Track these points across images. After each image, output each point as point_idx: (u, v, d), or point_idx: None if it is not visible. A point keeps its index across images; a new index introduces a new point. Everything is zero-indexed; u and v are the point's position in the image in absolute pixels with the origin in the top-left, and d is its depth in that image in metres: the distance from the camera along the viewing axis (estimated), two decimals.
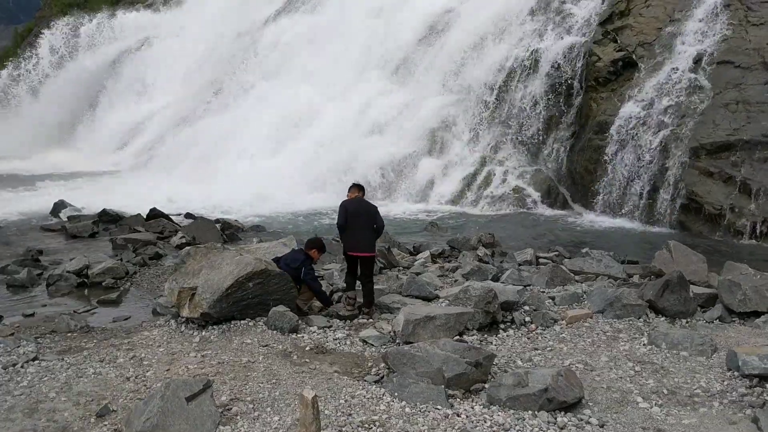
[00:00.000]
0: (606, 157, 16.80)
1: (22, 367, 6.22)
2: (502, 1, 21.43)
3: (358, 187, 8.32)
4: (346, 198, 8.32)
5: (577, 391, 5.42)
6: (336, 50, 23.72)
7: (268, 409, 5.32)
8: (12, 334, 7.28)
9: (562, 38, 19.33)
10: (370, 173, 18.47)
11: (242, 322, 7.45)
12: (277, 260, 8.24)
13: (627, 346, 6.76)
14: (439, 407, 5.31)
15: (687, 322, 7.58)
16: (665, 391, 5.68)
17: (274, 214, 16.41)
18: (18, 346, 6.79)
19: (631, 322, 7.52)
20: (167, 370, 6.12)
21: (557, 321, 7.61)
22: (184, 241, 12.17)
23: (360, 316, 7.96)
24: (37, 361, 6.36)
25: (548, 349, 6.79)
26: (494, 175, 18.39)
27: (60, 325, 7.55)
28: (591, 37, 18.87)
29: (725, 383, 5.80)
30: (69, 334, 7.34)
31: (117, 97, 32.95)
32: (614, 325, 7.44)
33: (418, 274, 9.60)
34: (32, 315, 8.20)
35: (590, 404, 5.44)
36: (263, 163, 19.80)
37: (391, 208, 17.12)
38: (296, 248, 8.74)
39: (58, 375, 6.04)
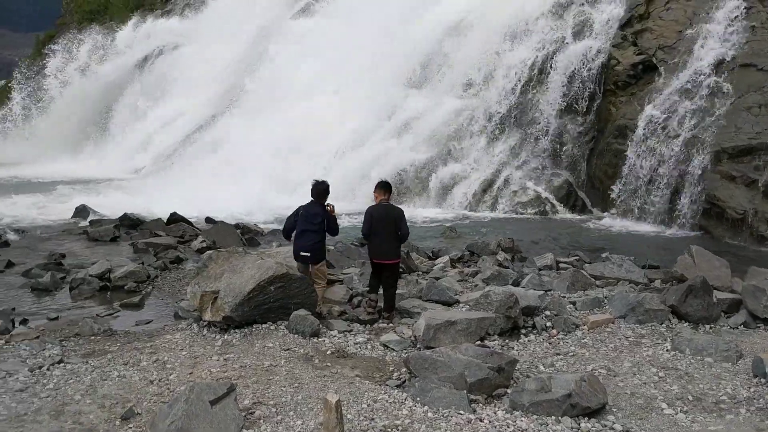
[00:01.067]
0: (626, 162, 16.71)
1: (47, 369, 6.29)
2: (519, 4, 21.38)
3: (384, 189, 8.15)
4: (372, 198, 8.30)
5: (601, 396, 5.38)
6: (354, 55, 23.76)
7: (291, 413, 5.34)
8: (37, 337, 7.36)
9: (580, 42, 19.25)
10: (389, 178, 18.42)
11: (264, 325, 7.49)
12: (294, 220, 8.19)
13: (650, 352, 6.72)
14: (461, 412, 5.30)
15: (711, 328, 7.52)
16: (690, 398, 5.63)
17: None
18: (43, 349, 6.88)
19: (653, 328, 7.46)
20: (190, 374, 6.16)
21: (579, 326, 7.57)
22: (204, 245, 12.24)
23: (380, 321, 7.97)
24: (62, 364, 6.44)
25: (570, 354, 6.76)
26: (512, 179, 18.33)
27: (84, 329, 7.62)
28: (610, 41, 18.78)
29: (752, 390, 5.74)
30: (93, 338, 7.41)
31: (137, 103, 33.26)
32: (636, 331, 7.39)
33: (437, 278, 9.58)
34: (56, 318, 8.27)
35: (614, 410, 5.41)
36: (283, 168, 19.85)
37: (410, 212, 17.08)
38: (308, 203, 8.26)
39: (83, 378, 6.11)
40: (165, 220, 14.30)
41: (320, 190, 8.24)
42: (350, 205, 17.27)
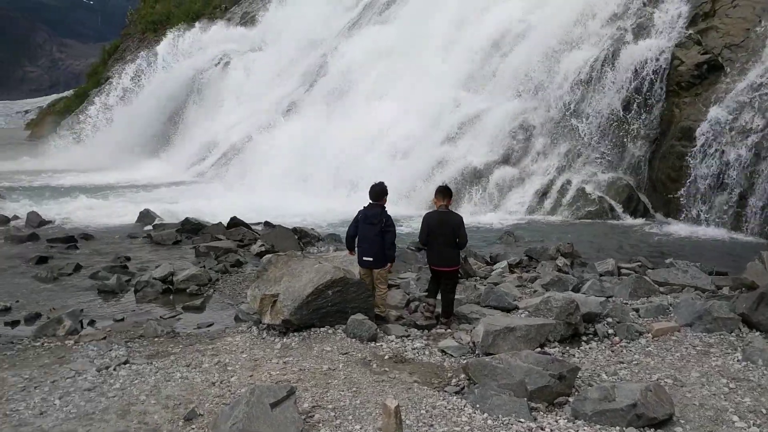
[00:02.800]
0: (690, 164, 16.20)
1: (114, 369, 6.47)
2: (579, 4, 21.00)
3: (443, 194, 8.00)
4: (431, 202, 8.21)
5: (668, 407, 5.21)
6: (410, 60, 23.79)
7: (350, 417, 5.34)
8: (104, 338, 7.60)
9: (642, 42, 18.78)
10: (447, 182, 18.38)
11: (322, 329, 7.53)
12: (355, 225, 8.21)
13: (719, 362, 6.46)
14: (522, 420, 5.21)
15: None
16: (764, 411, 5.38)
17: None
18: (110, 350, 7.10)
19: (722, 337, 7.18)
20: (250, 376, 6.25)
21: (642, 334, 7.35)
22: (263, 249, 12.43)
23: (438, 326, 7.92)
24: (127, 365, 6.61)
25: (634, 362, 6.57)
26: (572, 183, 17.99)
27: (148, 330, 7.83)
28: (673, 41, 18.26)
29: None
30: (156, 339, 7.60)
31: (199, 110, 34.13)
32: (704, 339, 7.13)
33: (496, 284, 9.47)
34: (122, 320, 8.52)
35: (681, 422, 5.22)
36: (341, 173, 20.01)
37: (467, 217, 16.95)
38: (367, 205, 8.24)
39: (148, 378, 6.26)
40: (225, 225, 14.57)
41: (376, 190, 8.19)
42: (407, 209, 17.29)
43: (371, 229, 8.03)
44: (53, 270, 11.03)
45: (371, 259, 8.07)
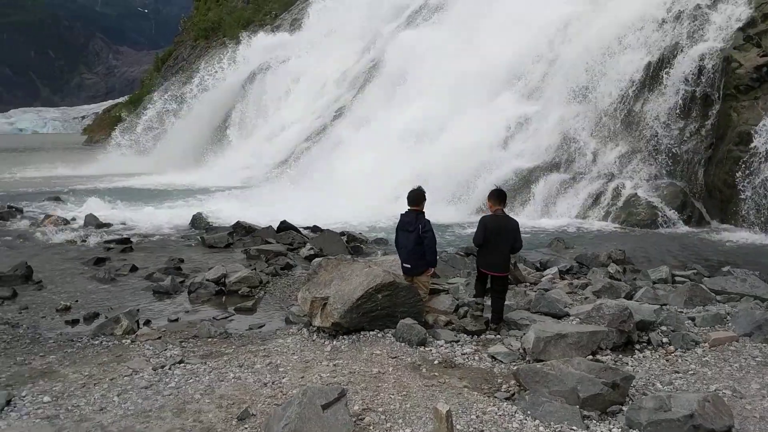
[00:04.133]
0: (748, 170, 15.73)
1: (169, 369, 6.63)
2: (633, 7, 20.63)
3: (499, 198, 7.97)
4: (486, 209, 8.20)
5: (727, 419, 5.07)
6: (460, 64, 23.71)
7: (400, 420, 5.36)
8: (159, 337, 7.78)
9: (697, 44, 18.32)
10: (495, 186, 18.27)
11: (371, 333, 7.57)
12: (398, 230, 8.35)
13: None
14: (574, 428, 5.15)
15: None
16: None
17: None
18: (165, 349, 7.26)
19: None
20: (302, 378, 6.32)
21: (699, 343, 7.18)
22: (312, 252, 12.57)
23: (487, 332, 7.88)
24: (182, 364, 6.76)
25: (690, 372, 6.42)
26: (623, 188, 17.64)
27: (202, 331, 7.99)
28: (730, 43, 17.77)
29: None
30: (210, 340, 7.74)
31: (248, 116, 34.71)
32: (764, 350, 6.92)
33: (546, 290, 9.38)
34: (176, 320, 8.70)
35: None
36: (390, 178, 20.02)
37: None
38: (404, 212, 8.42)
39: (202, 378, 6.39)
40: (275, 228, 14.76)
41: (412, 196, 8.32)
42: (456, 214, 17.21)
43: (408, 236, 8.14)
44: (110, 271, 11.35)
45: (409, 266, 8.20)
